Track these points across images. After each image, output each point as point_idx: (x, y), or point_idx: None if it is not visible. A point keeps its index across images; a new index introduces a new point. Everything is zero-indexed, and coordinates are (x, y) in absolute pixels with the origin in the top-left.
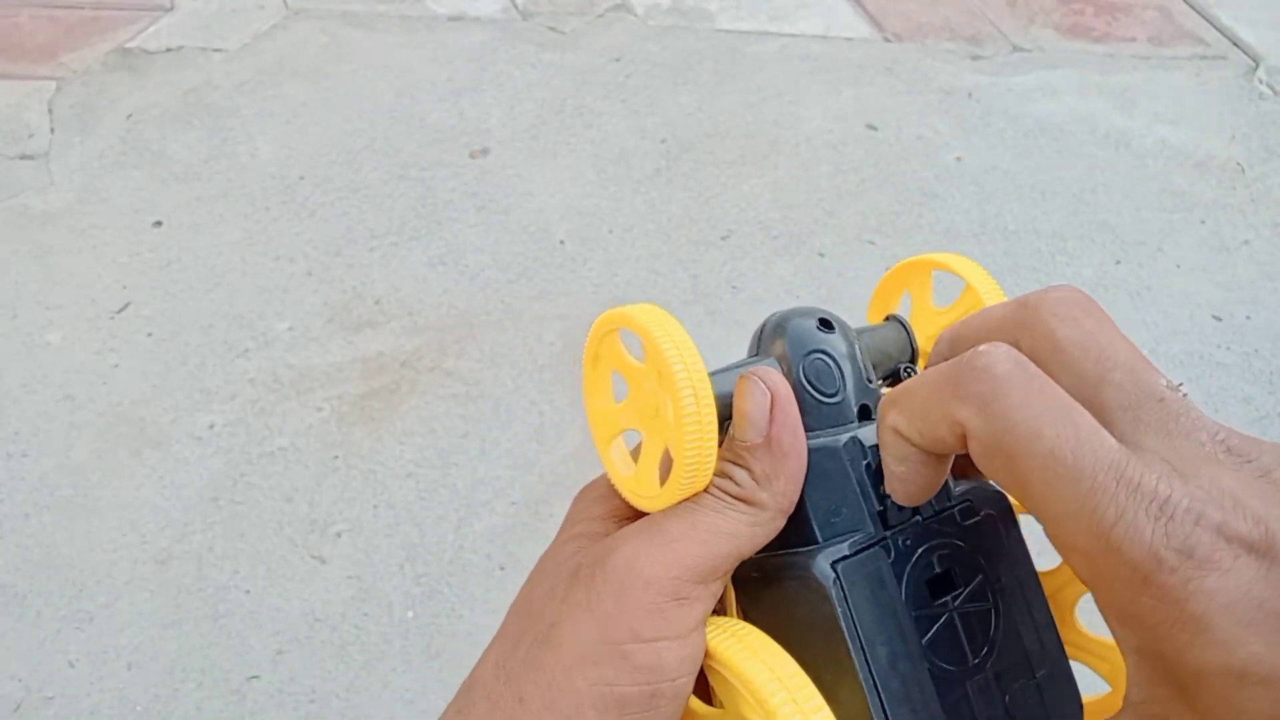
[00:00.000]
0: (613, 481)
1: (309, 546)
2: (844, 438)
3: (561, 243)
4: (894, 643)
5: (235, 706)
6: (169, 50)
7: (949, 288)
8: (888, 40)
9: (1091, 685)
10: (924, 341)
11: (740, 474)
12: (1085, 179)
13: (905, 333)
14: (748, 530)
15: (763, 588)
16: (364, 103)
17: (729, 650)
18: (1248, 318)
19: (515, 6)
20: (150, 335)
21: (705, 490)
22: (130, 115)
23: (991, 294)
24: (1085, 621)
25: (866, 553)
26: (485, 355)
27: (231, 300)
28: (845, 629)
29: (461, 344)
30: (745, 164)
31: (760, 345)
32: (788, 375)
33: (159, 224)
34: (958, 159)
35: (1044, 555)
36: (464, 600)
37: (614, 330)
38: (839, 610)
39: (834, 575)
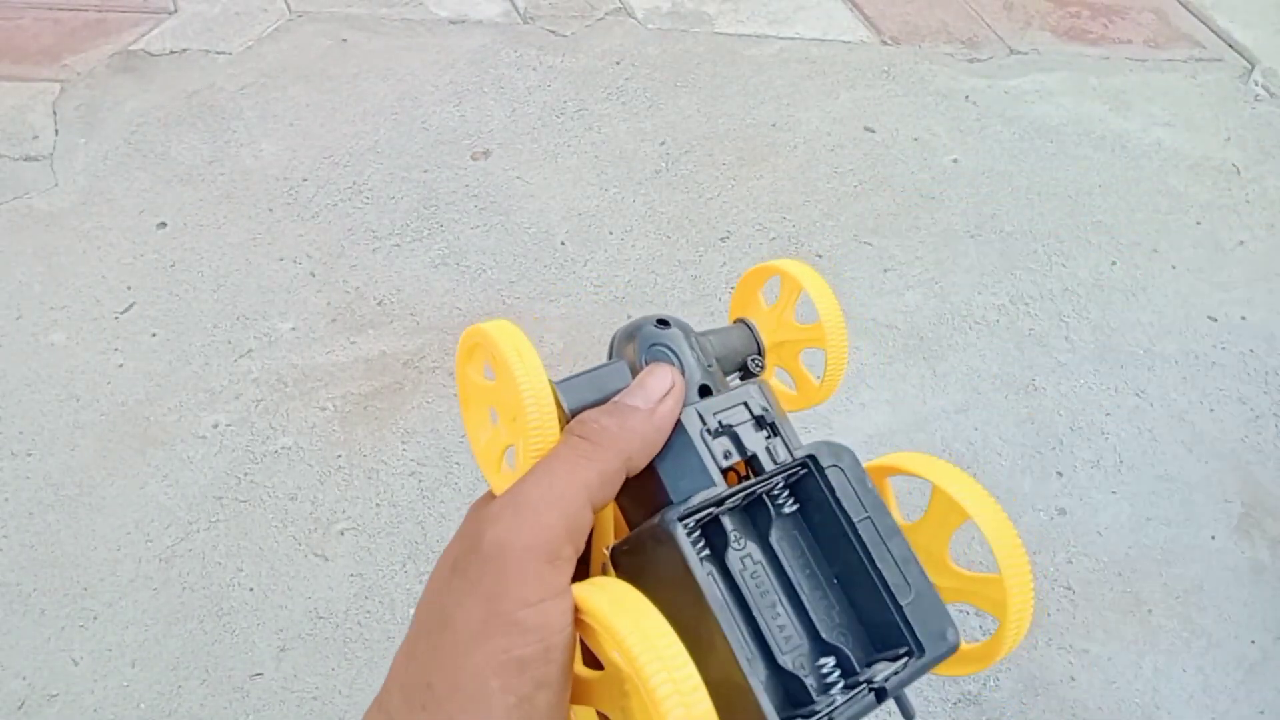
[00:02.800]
0: (481, 466)
1: (312, 545)
2: (688, 410)
3: (562, 244)
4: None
5: (239, 704)
6: (172, 53)
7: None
8: (885, 43)
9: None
10: (769, 336)
11: (603, 422)
12: (1081, 180)
13: (750, 332)
14: (596, 479)
15: (634, 559)
16: (366, 105)
17: (592, 599)
18: (1243, 318)
19: (516, 10)
20: (154, 335)
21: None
22: (134, 118)
23: (820, 295)
24: (963, 563)
25: (714, 503)
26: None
27: (235, 300)
28: (694, 569)
29: None
30: (744, 166)
31: (613, 351)
32: (636, 371)
33: (163, 225)
34: (954, 161)
35: (913, 514)
36: None
37: (476, 345)
38: (685, 553)
39: (680, 524)
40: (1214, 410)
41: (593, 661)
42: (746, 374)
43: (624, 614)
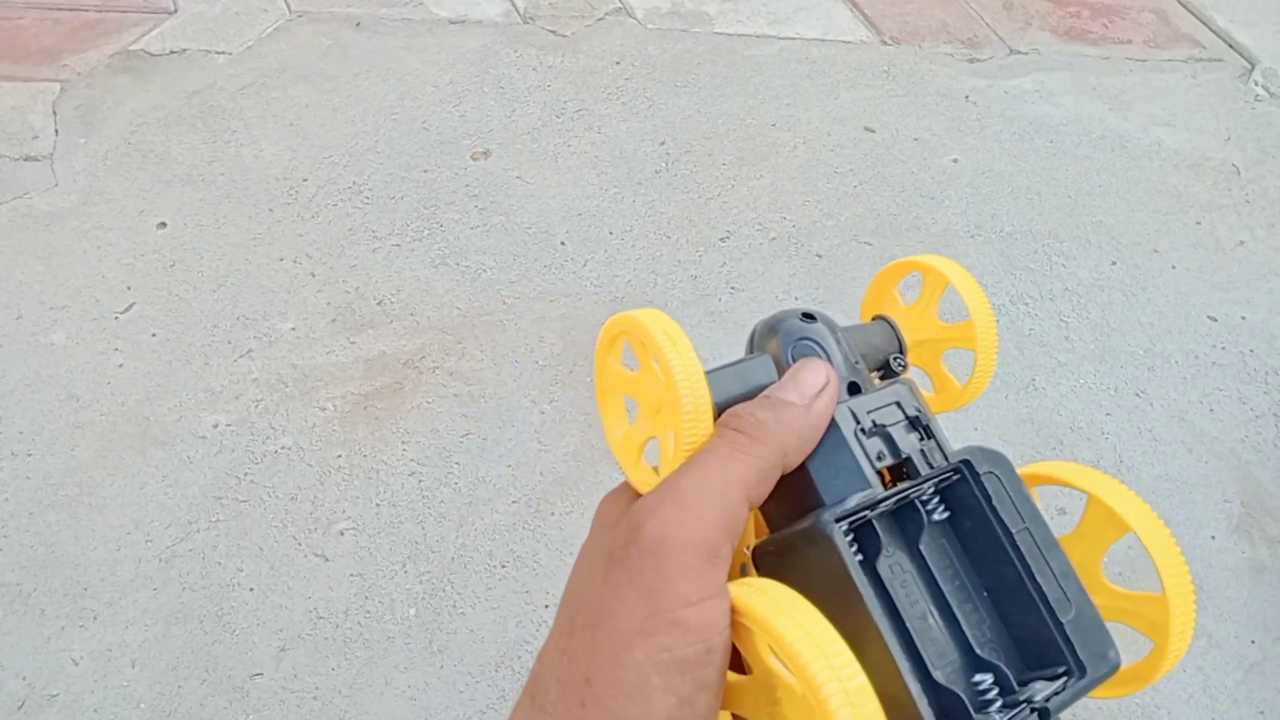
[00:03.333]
0: (624, 467)
1: (312, 545)
2: (840, 407)
3: (562, 244)
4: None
5: (239, 704)
6: (172, 53)
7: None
8: (885, 43)
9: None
10: (909, 334)
11: (759, 416)
12: (1081, 180)
13: (891, 329)
14: (754, 475)
15: (781, 560)
16: (366, 105)
17: (753, 601)
18: (1243, 318)
19: (516, 10)
20: (154, 335)
21: (709, 442)
22: (134, 118)
23: (970, 292)
24: (1118, 581)
25: (868, 506)
26: (487, 355)
27: (235, 301)
28: (854, 575)
29: (463, 344)
30: (744, 166)
31: (754, 345)
32: (781, 366)
33: (163, 225)
34: (954, 161)
35: (1066, 520)
36: (466, 598)
37: (622, 333)
38: (845, 558)
39: (837, 526)
40: (1214, 410)
41: (735, 667)
42: (888, 373)
43: (788, 617)
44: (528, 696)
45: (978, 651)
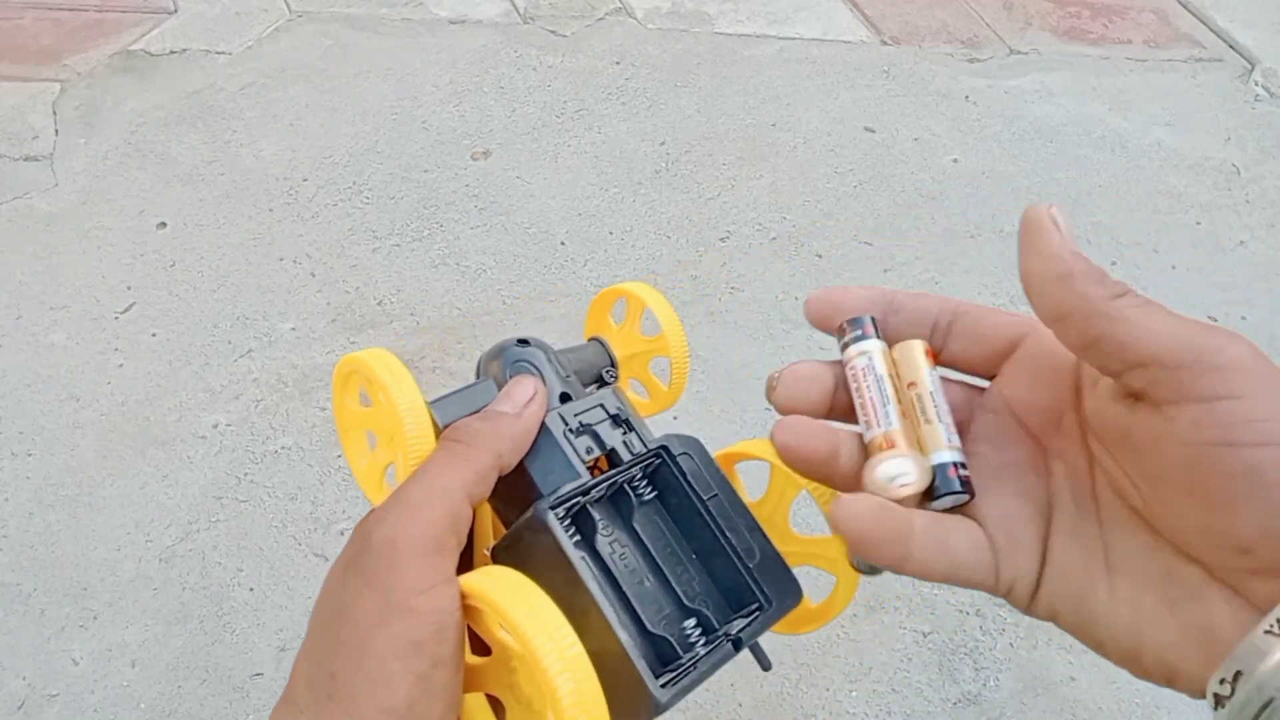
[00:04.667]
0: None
1: (312, 544)
2: (551, 414)
3: (562, 244)
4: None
5: (239, 704)
6: (172, 53)
7: None
8: (885, 43)
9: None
10: (620, 351)
11: (475, 426)
12: (1081, 180)
13: (603, 347)
14: (473, 476)
15: (512, 552)
16: (366, 105)
17: (478, 583)
18: (1243, 318)
19: (516, 10)
20: (154, 335)
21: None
22: (134, 118)
23: (662, 310)
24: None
25: (581, 493)
26: None
27: (235, 300)
28: (567, 550)
29: (463, 344)
30: (744, 166)
31: (480, 371)
32: (501, 385)
33: (163, 225)
34: (954, 161)
35: (755, 491)
36: None
37: (352, 372)
38: (559, 537)
39: (552, 512)
40: None
41: (480, 651)
42: (602, 384)
43: (508, 593)
44: (283, 701)
45: (687, 603)
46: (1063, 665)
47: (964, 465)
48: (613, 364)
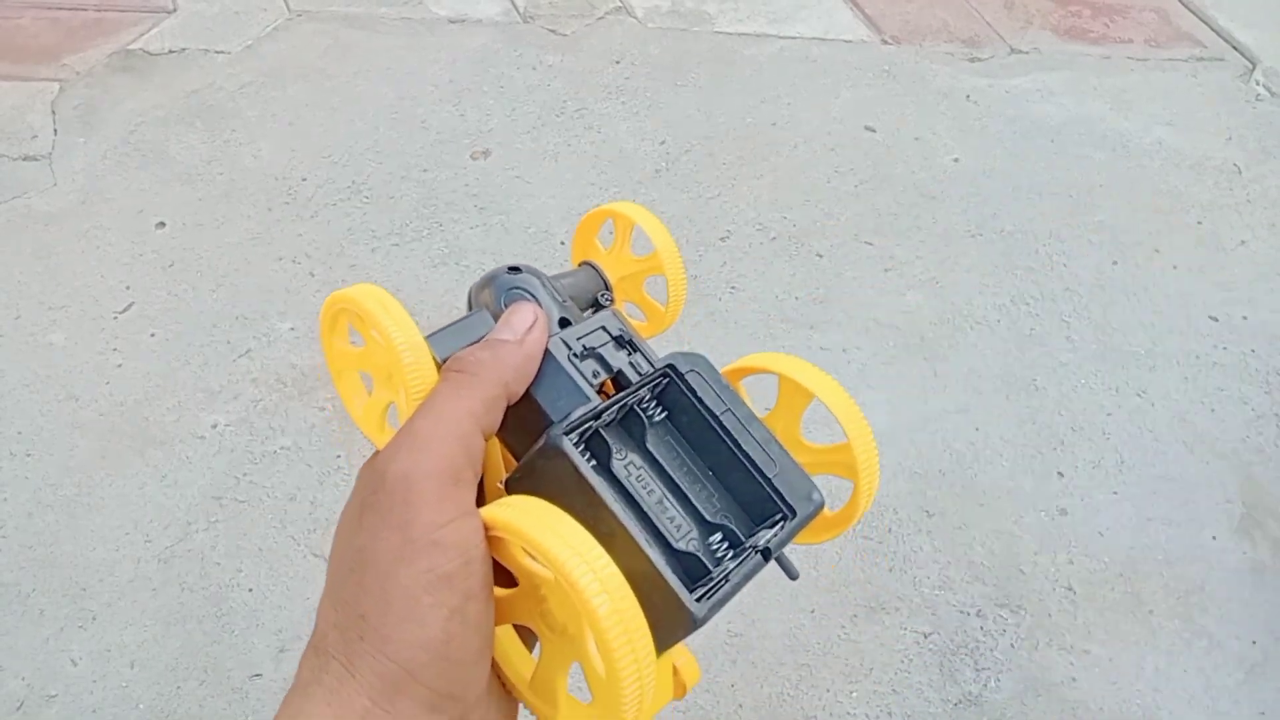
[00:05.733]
0: (365, 430)
1: (311, 545)
2: (553, 339)
3: (562, 243)
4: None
5: (238, 704)
6: (172, 52)
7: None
8: (886, 43)
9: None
10: (612, 273)
11: (478, 355)
12: (1082, 180)
13: (595, 271)
14: (480, 405)
15: (528, 482)
16: (366, 105)
17: (501, 513)
18: (1244, 318)
19: (516, 9)
20: (153, 335)
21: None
22: (133, 117)
23: (652, 227)
24: (813, 439)
25: (592, 417)
26: None
27: (234, 300)
28: (586, 474)
29: None
30: (744, 165)
31: (472, 303)
32: (496, 316)
33: (162, 225)
34: (955, 160)
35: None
36: None
37: (340, 311)
38: (576, 461)
39: (566, 438)
40: (1215, 410)
41: (503, 584)
42: (598, 308)
43: (533, 519)
44: (310, 649)
45: (709, 519)
46: (1063, 666)
47: None
48: (607, 287)
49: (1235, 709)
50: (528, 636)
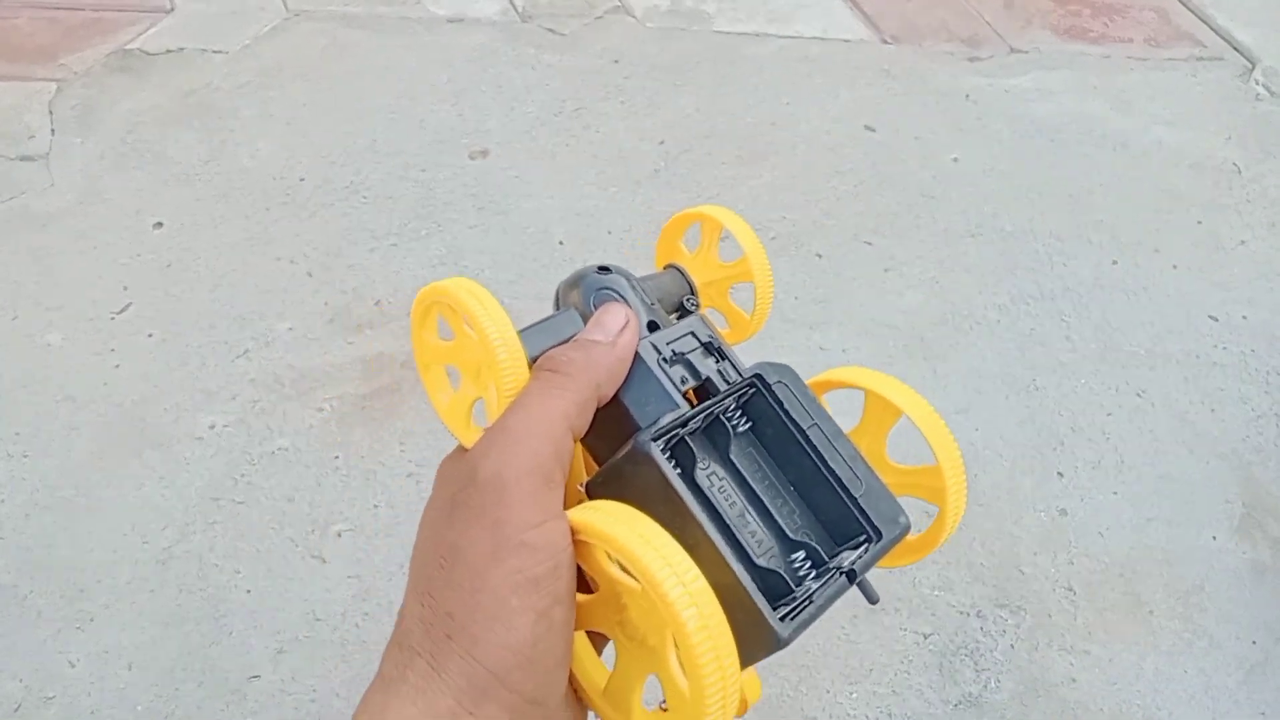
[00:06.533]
0: (456, 433)
1: (309, 546)
2: (642, 342)
3: (561, 243)
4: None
5: (236, 706)
6: (169, 52)
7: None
8: (885, 42)
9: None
10: (698, 277)
11: (570, 355)
12: (1082, 180)
13: (681, 274)
14: (573, 407)
15: (611, 487)
16: (364, 104)
17: (589, 518)
18: (1244, 318)
19: (515, 8)
20: (151, 336)
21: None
22: (131, 117)
23: (742, 232)
24: (900, 460)
25: (679, 424)
26: None
27: (232, 301)
28: (674, 483)
29: None
30: (743, 165)
31: (559, 302)
32: (586, 317)
33: (159, 225)
34: (955, 160)
35: (848, 417)
36: None
37: (434, 304)
38: (664, 469)
39: (654, 444)
40: (1215, 410)
41: (580, 588)
42: (684, 313)
43: (623, 526)
44: (394, 644)
45: (791, 536)
46: (1063, 667)
47: None
48: (693, 291)
49: (1235, 709)
50: (597, 642)
